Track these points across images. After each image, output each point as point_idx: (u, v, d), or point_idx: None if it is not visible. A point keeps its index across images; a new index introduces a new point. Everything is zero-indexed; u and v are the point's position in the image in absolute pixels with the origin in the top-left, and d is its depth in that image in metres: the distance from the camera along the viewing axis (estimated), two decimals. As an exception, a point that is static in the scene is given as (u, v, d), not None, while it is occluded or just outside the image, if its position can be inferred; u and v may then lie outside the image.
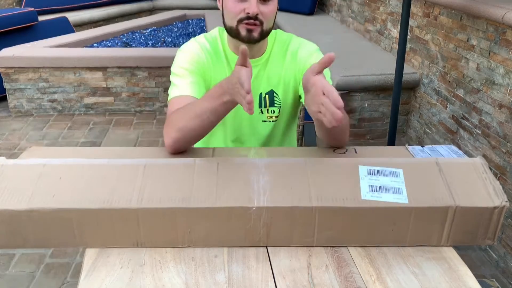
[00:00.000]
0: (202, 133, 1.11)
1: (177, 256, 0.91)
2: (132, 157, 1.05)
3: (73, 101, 3.72)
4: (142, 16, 5.82)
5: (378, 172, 0.97)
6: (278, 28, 1.26)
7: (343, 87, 2.89)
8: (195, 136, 1.10)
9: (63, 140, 3.31)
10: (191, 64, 1.25)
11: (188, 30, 4.99)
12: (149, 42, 4.47)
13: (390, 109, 2.55)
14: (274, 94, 1.34)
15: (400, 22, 2.28)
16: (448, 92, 2.57)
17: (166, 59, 3.59)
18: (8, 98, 3.67)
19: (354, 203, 0.91)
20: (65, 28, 4.59)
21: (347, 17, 4.31)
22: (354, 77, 2.92)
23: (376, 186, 0.94)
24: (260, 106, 1.34)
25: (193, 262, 0.90)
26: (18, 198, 0.90)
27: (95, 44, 4.31)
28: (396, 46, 3.20)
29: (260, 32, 1.21)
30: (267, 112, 1.36)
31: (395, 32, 3.25)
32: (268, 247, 0.94)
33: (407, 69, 2.86)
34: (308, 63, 1.29)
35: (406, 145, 1.15)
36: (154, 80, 3.70)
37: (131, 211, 0.89)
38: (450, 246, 0.96)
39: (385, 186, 0.94)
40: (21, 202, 0.89)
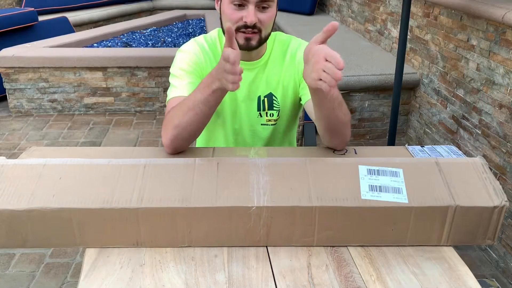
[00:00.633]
0: (197, 127, 1.09)
1: (177, 256, 0.91)
2: (132, 157, 1.05)
3: (73, 101, 3.72)
4: (142, 16, 5.82)
5: (378, 172, 0.97)
6: (278, 28, 1.26)
7: (343, 87, 2.89)
8: (191, 132, 1.09)
9: (63, 140, 3.31)
10: (189, 65, 1.25)
11: (188, 30, 4.99)
12: (149, 42, 4.47)
13: (390, 109, 2.55)
14: (273, 97, 1.33)
15: (400, 22, 2.28)
16: (448, 92, 2.57)
17: (166, 59, 3.59)
18: (8, 98, 3.68)
19: (354, 203, 0.91)
20: (65, 28, 4.59)
21: (347, 17, 4.31)
22: (354, 77, 2.92)
23: (376, 186, 0.94)
24: (258, 110, 1.34)
25: (193, 262, 0.90)
26: (18, 198, 0.90)
27: (95, 44, 4.31)
28: (396, 46, 3.20)
29: (259, 40, 1.20)
30: (266, 116, 1.35)
31: (395, 32, 3.25)
32: (268, 247, 0.94)
33: (407, 69, 2.86)
34: None
35: (406, 145, 1.15)
36: (154, 80, 3.70)
37: (131, 211, 0.89)
38: (450, 246, 0.96)
39: (385, 186, 0.94)
40: (21, 202, 0.89)
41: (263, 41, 1.22)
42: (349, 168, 0.98)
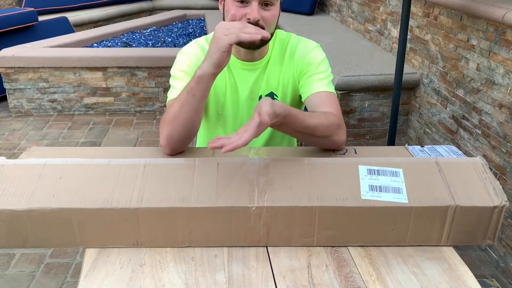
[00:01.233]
0: (188, 123, 1.08)
1: (177, 256, 0.91)
2: (132, 157, 1.05)
3: (73, 101, 3.72)
4: (142, 16, 5.82)
5: (378, 172, 0.97)
6: (278, 28, 1.25)
7: (343, 87, 2.89)
8: (183, 128, 1.08)
9: (63, 140, 3.31)
10: (189, 67, 1.25)
11: (188, 30, 4.99)
12: (149, 42, 4.46)
13: (390, 109, 2.55)
14: (274, 96, 1.33)
15: (400, 22, 2.28)
16: (448, 92, 2.57)
17: (166, 59, 3.59)
18: (8, 98, 3.68)
19: (354, 203, 0.91)
20: (65, 28, 4.59)
21: (347, 17, 4.31)
22: (354, 77, 2.92)
23: (376, 186, 0.94)
24: None
25: (193, 262, 0.90)
26: (18, 198, 0.90)
27: (95, 44, 4.31)
28: (396, 46, 3.20)
29: (261, 39, 1.20)
30: None
31: (395, 32, 3.25)
32: (268, 247, 0.94)
33: (407, 69, 2.86)
34: (306, 61, 1.29)
35: (406, 145, 1.15)
36: (154, 80, 3.70)
37: (131, 211, 0.89)
38: (450, 246, 0.96)
39: (385, 186, 0.94)
40: (21, 202, 0.89)
41: (266, 40, 1.22)
42: (349, 168, 0.98)
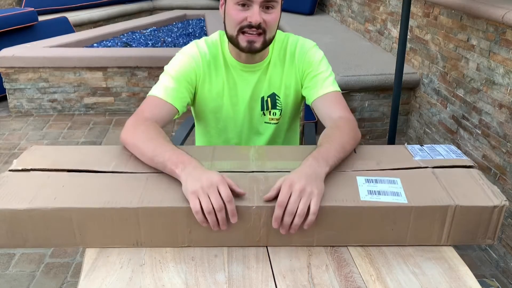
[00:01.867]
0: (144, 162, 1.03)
1: (177, 256, 0.91)
2: (132, 157, 1.06)
3: (73, 101, 3.72)
4: (142, 16, 5.82)
5: (376, 180, 0.98)
6: (278, 28, 1.25)
7: (343, 87, 2.89)
8: (139, 158, 1.04)
9: (63, 140, 3.31)
10: (182, 70, 1.27)
11: (188, 30, 4.99)
12: (149, 42, 4.46)
13: (390, 109, 2.55)
14: (276, 97, 1.34)
15: (400, 22, 2.28)
16: (448, 92, 2.57)
17: (166, 59, 3.53)
18: (8, 98, 3.68)
19: (354, 202, 0.91)
20: (65, 28, 4.59)
21: (347, 17, 4.31)
22: (354, 77, 2.92)
23: (374, 191, 0.94)
24: (262, 109, 1.35)
25: (193, 262, 0.90)
26: (19, 198, 0.90)
27: (95, 44, 4.31)
28: (396, 46, 3.20)
29: (263, 42, 1.20)
30: (269, 114, 1.36)
31: (395, 32, 3.25)
32: (268, 247, 0.94)
33: (407, 69, 2.86)
34: (306, 61, 1.29)
35: (406, 144, 1.15)
36: (154, 80, 3.70)
37: (131, 211, 0.89)
38: (450, 245, 0.96)
39: (383, 191, 0.94)
40: (22, 201, 0.89)
41: (267, 43, 1.22)
42: (347, 178, 0.99)
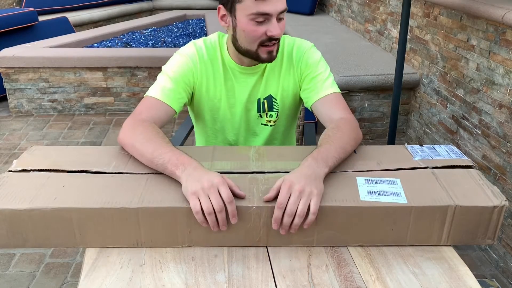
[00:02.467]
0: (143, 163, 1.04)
1: (177, 256, 0.91)
2: (132, 157, 1.06)
3: (73, 101, 3.72)
4: (142, 16, 5.82)
5: (375, 181, 0.98)
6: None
7: (343, 87, 2.89)
8: (138, 159, 1.05)
9: (63, 140, 3.31)
10: (180, 70, 1.27)
11: (188, 30, 4.99)
12: (149, 42, 4.46)
13: (390, 109, 2.55)
14: (273, 99, 1.34)
15: (400, 22, 2.28)
16: (448, 92, 2.57)
17: (166, 59, 3.52)
18: (8, 98, 3.68)
19: (354, 202, 0.91)
20: (65, 28, 4.59)
21: (347, 17, 4.31)
22: (354, 77, 2.92)
23: (374, 191, 0.94)
24: (258, 111, 1.35)
25: (193, 262, 0.90)
26: (19, 198, 0.90)
27: (95, 44, 4.31)
28: (396, 46, 3.20)
29: (277, 50, 1.22)
30: (266, 116, 1.36)
31: (395, 32, 3.25)
32: (268, 247, 0.94)
33: (407, 69, 2.86)
34: (304, 63, 1.30)
35: (405, 144, 1.15)
36: (154, 80, 3.66)
37: (132, 211, 0.89)
38: (450, 245, 0.96)
39: (383, 191, 0.94)
40: (22, 201, 0.89)
41: (279, 49, 1.25)
42: (347, 178, 0.99)
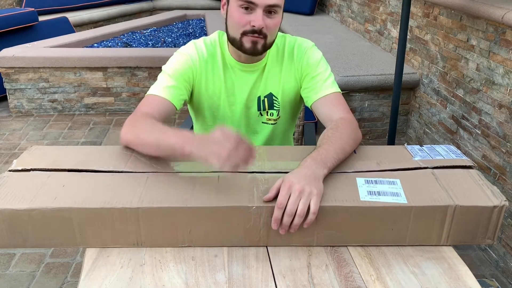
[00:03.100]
0: (146, 153, 1.07)
1: (177, 256, 0.92)
2: (132, 157, 1.06)
3: (73, 101, 3.72)
4: (142, 16, 5.82)
5: (375, 182, 0.98)
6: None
7: (343, 87, 2.89)
8: (143, 151, 1.07)
9: (63, 140, 3.31)
10: (180, 69, 1.27)
11: (188, 31, 4.99)
12: (149, 42, 4.47)
13: (390, 109, 2.55)
14: (273, 97, 1.34)
15: (400, 22, 2.28)
16: (448, 92, 2.57)
17: (166, 59, 3.51)
18: (8, 98, 3.68)
19: (354, 202, 0.91)
20: (65, 28, 4.59)
21: (347, 17, 4.31)
22: (354, 77, 2.92)
23: (374, 191, 0.94)
24: (259, 109, 1.35)
25: (193, 262, 0.90)
26: (19, 198, 0.90)
27: (95, 44, 4.31)
28: (396, 46, 3.20)
29: (263, 45, 1.21)
30: (266, 115, 1.36)
31: (395, 32, 3.25)
32: (268, 247, 0.94)
33: (407, 69, 2.86)
34: (305, 62, 1.30)
35: (405, 145, 1.15)
36: (154, 80, 3.66)
37: (132, 211, 0.89)
38: (449, 245, 0.96)
39: (383, 191, 0.95)
40: (22, 201, 0.89)
41: (267, 47, 1.23)
42: (347, 178, 0.99)
